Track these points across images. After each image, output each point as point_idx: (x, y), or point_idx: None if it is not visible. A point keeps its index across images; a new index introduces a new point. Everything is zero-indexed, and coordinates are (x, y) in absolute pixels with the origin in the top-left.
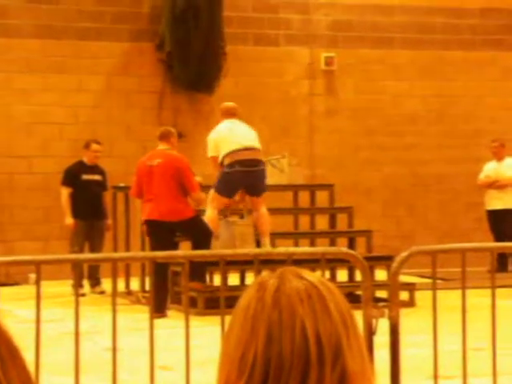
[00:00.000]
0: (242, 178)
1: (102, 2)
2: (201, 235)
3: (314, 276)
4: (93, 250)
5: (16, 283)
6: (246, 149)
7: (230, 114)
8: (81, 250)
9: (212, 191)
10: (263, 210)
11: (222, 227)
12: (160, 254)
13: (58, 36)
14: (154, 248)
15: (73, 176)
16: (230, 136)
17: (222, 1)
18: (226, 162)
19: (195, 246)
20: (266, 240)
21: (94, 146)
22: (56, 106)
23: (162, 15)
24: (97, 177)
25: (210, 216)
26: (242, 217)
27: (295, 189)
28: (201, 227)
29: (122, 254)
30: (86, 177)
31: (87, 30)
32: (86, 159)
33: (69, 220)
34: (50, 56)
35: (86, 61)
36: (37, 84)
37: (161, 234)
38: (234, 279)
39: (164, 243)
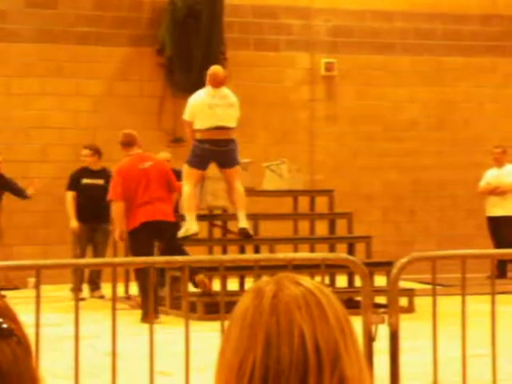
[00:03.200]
0: (212, 155)
1: (101, 7)
2: (177, 242)
3: (311, 282)
4: (96, 253)
5: (15, 287)
6: (218, 128)
7: (216, 82)
8: (82, 254)
9: (185, 166)
10: (237, 184)
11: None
12: (160, 259)
13: (57, 40)
14: (139, 251)
15: (74, 180)
16: (206, 112)
17: (222, 6)
18: (198, 136)
19: (169, 251)
20: (242, 215)
21: (83, 151)
22: (55, 111)
23: (162, 20)
24: (99, 181)
25: (186, 192)
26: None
27: (295, 194)
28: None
29: (122, 259)
30: (86, 181)
31: (86, 34)
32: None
33: (73, 223)
34: (49, 60)
35: (85, 65)
36: (35, 88)
37: (152, 236)
38: (233, 284)
39: (149, 246)
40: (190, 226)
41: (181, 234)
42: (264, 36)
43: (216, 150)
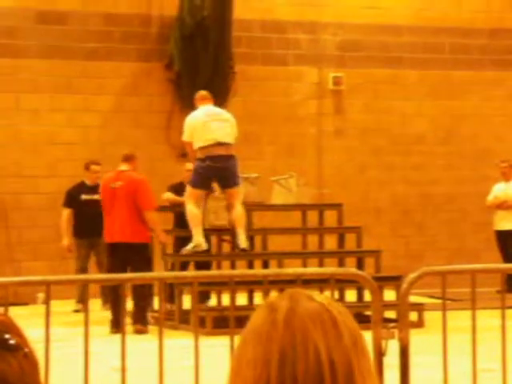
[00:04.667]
0: (213, 172)
1: (110, 22)
2: (142, 265)
3: (325, 298)
4: (100, 266)
5: (25, 303)
6: (218, 144)
7: (204, 99)
8: (82, 269)
9: (188, 187)
10: (238, 205)
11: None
12: (169, 275)
13: (66, 56)
14: (113, 269)
15: (72, 197)
16: (204, 130)
17: (230, 20)
18: (199, 155)
19: (135, 271)
20: (242, 234)
21: (93, 167)
22: (64, 126)
23: (170, 35)
24: (97, 196)
25: (189, 209)
26: (212, 191)
27: (303, 208)
28: (145, 257)
29: (130, 274)
30: (85, 197)
31: (95, 49)
32: (87, 180)
33: (65, 241)
34: (58, 76)
35: (94, 80)
36: (45, 104)
37: (120, 255)
38: (242, 299)
39: (122, 265)
40: (198, 243)
41: (188, 249)
42: (272, 50)
43: (217, 167)
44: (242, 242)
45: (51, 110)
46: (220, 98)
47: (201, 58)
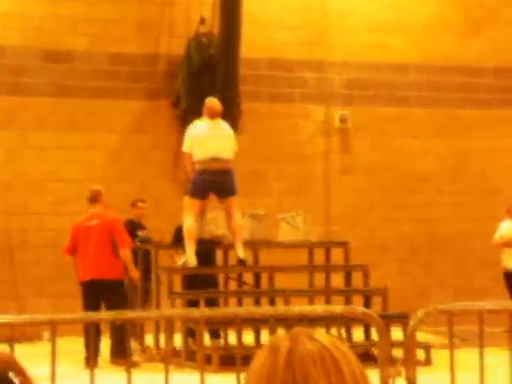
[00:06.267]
0: (210, 185)
1: (117, 61)
2: (118, 301)
3: (327, 338)
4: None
5: (30, 339)
6: (217, 159)
7: (213, 114)
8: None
9: (186, 197)
10: (236, 214)
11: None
12: (175, 313)
13: (72, 94)
14: (88, 307)
15: (129, 234)
16: (205, 144)
17: (237, 59)
18: (197, 167)
19: (107, 309)
20: (240, 244)
21: (140, 205)
22: (70, 164)
23: (177, 73)
24: (145, 232)
25: (187, 223)
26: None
27: (310, 246)
28: (121, 293)
29: (138, 313)
30: (141, 233)
31: (102, 88)
32: (133, 217)
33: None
34: (64, 114)
35: (101, 118)
36: (51, 142)
37: (95, 293)
38: (248, 337)
39: (97, 302)
40: (189, 259)
41: (178, 265)
42: (279, 89)
43: (215, 180)
44: (240, 253)
45: (57, 148)
46: None
47: (208, 95)
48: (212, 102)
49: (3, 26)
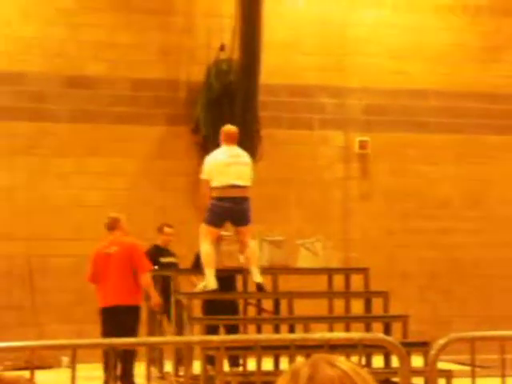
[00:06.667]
0: (228, 212)
1: (138, 87)
2: (131, 327)
3: (347, 364)
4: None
5: (49, 366)
6: (235, 187)
7: (230, 139)
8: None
9: (202, 225)
10: (250, 242)
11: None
12: (194, 339)
13: (94, 120)
14: (107, 333)
15: (152, 260)
16: (224, 171)
17: (257, 85)
18: (215, 194)
19: (122, 334)
20: (256, 270)
21: (166, 230)
22: (91, 189)
23: (197, 99)
24: (171, 259)
25: (204, 249)
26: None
27: (330, 272)
28: (134, 319)
29: (157, 338)
30: (163, 260)
31: (123, 114)
32: (160, 242)
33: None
34: (86, 140)
35: (121, 144)
36: (72, 168)
37: (114, 319)
38: (267, 364)
39: (115, 328)
40: (209, 283)
41: (198, 288)
42: (298, 115)
43: (232, 208)
44: (257, 277)
45: (78, 173)
46: None
47: (227, 121)
48: (227, 127)
49: (24, 52)
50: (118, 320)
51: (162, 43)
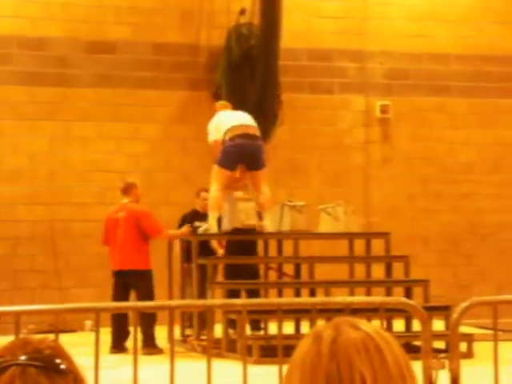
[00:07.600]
0: (242, 149)
1: (159, 51)
2: (145, 291)
3: (370, 326)
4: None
5: (72, 330)
6: (245, 125)
7: (224, 107)
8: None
9: (215, 166)
10: (264, 188)
11: (226, 205)
12: (217, 302)
13: (115, 85)
14: (116, 297)
15: (186, 223)
16: (229, 118)
17: (277, 50)
18: (227, 136)
19: (139, 299)
20: (267, 215)
21: (203, 194)
22: (113, 154)
23: (218, 64)
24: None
25: (213, 194)
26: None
27: (350, 237)
28: (148, 284)
29: (179, 301)
30: (198, 224)
31: (144, 78)
32: (198, 207)
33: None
34: (107, 104)
35: (143, 109)
36: (94, 132)
37: (123, 283)
38: (289, 328)
39: (125, 292)
40: (211, 226)
41: (201, 230)
42: (319, 79)
43: (246, 145)
44: (268, 226)
45: (100, 138)
46: (267, 127)
47: (248, 86)
48: (219, 102)
49: (46, 18)
50: (125, 284)
51: (183, 6)
